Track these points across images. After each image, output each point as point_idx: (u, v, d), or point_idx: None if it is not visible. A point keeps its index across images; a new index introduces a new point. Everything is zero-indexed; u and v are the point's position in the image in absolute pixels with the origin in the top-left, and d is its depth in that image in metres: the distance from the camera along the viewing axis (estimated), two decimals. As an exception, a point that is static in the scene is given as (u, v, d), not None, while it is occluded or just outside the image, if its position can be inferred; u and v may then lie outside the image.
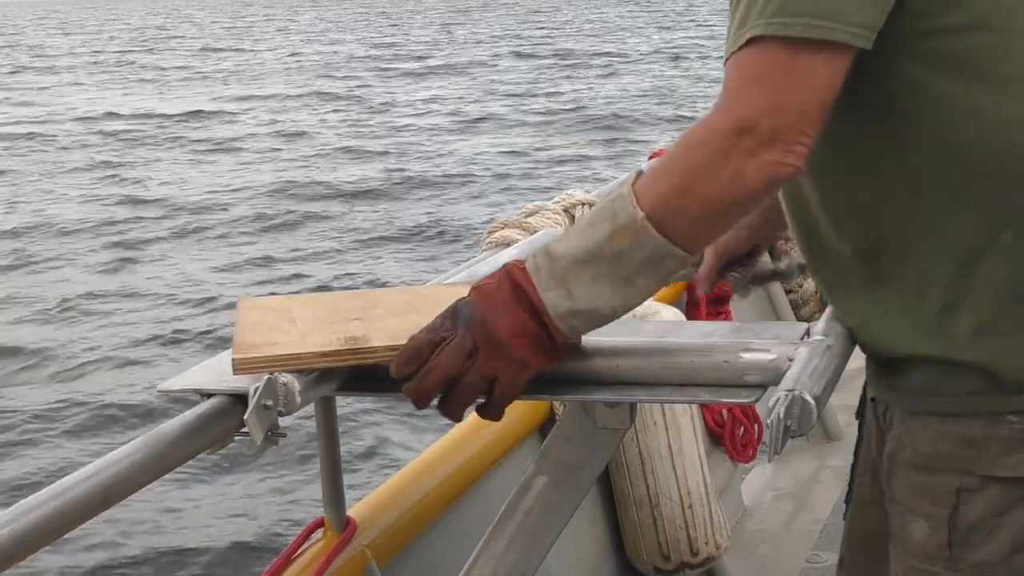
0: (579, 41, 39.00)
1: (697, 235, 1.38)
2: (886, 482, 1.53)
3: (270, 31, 56.22)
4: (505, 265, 1.44)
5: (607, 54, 33.71)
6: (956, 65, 1.37)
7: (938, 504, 1.44)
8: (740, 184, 1.33)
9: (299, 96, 27.07)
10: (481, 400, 1.44)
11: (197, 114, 24.53)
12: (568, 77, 28.26)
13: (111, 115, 24.90)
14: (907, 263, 1.43)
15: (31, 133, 22.42)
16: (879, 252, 1.45)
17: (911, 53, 1.37)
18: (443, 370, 1.41)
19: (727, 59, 1.37)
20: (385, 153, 18.81)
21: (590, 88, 25.78)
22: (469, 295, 1.44)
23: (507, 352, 1.40)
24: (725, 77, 1.37)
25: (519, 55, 35.41)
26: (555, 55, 34.48)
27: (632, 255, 1.37)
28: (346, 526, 1.97)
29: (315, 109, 24.87)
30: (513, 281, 1.41)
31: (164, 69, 35.39)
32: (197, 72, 34.74)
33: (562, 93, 25.25)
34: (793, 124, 1.32)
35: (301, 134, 21.22)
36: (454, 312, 1.43)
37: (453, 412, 1.44)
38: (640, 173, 1.41)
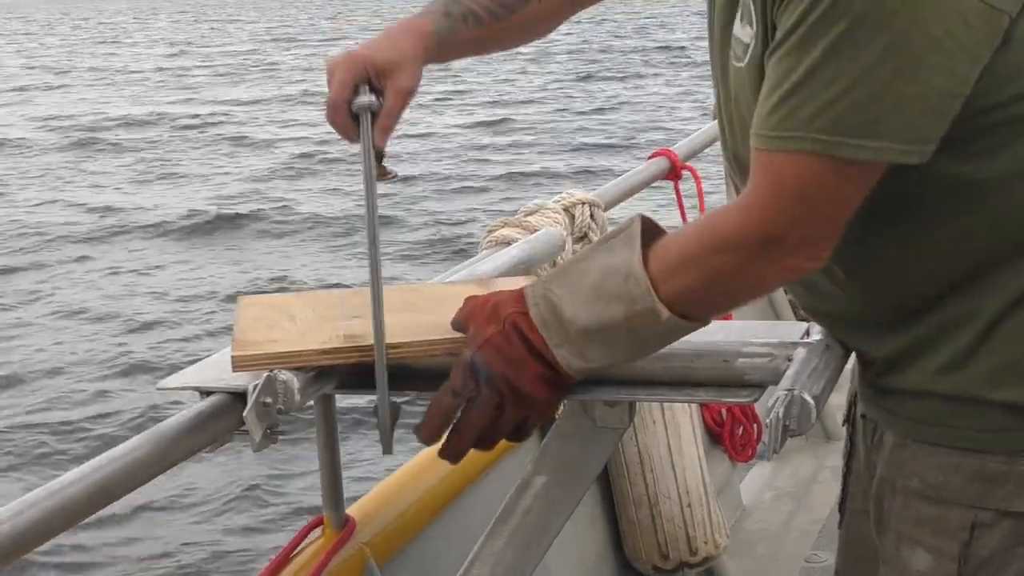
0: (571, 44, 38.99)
1: (713, 315, 1.42)
2: (875, 505, 1.51)
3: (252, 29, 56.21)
4: (508, 315, 1.43)
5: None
6: (1006, 133, 1.32)
7: (947, 537, 1.41)
8: (760, 285, 1.39)
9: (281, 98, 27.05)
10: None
11: (200, 114, 24.52)
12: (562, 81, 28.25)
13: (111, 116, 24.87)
14: (942, 312, 1.40)
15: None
16: (914, 306, 1.41)
17: (968, 127, 1.31)
18: (475, 427, 1.45)
19: (759, 147, 1.31)
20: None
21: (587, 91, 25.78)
22: (478, 350, 1.43)
23: (533, 399, 1.43)
24: (756, 172, 1.33)
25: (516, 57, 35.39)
26: (545, 56, 34.45)
27: (650, 331, 1.39)
28: (345, 524, 1.97)
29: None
30: (522, 335, 1.42)
31: (144, 71, 35.28)
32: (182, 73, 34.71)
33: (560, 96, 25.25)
34: (820, 236, 1.33)
35: (292, 133, 21.22)
36: (472, 371, 1.43)
37: (488, 446, 1.49)
38: (644, 221, 1.39)
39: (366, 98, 1.52)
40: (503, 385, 1.42)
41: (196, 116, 23.93)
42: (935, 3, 1.22)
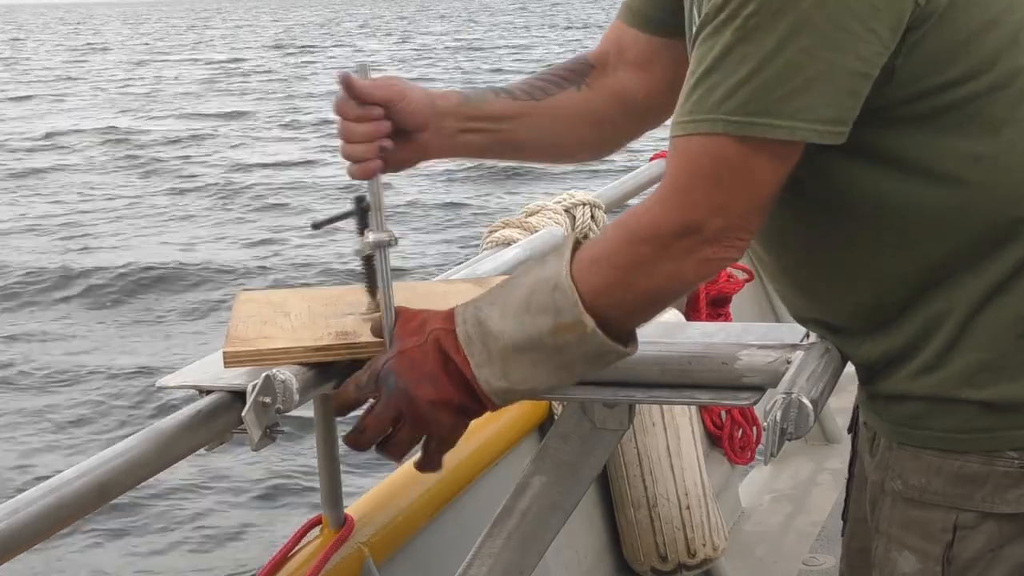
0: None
1: (631, 323, 1.39)
2: (869, 509, 1.52)
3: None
4: (432, 330, 1.41)
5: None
6: (955, 118, 1.32)
7: (931, 539, 1.42)
8: (678, 280, 1.34)
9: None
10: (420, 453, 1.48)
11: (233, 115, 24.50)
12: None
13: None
14: (914, 313, 1.40)
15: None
16: (890, 310, 1.41)
17: (905, 118, 1.33)
18: (373, 432, 1.44)
19: (674, 135, 1.32)
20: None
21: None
22: (392, 358, 1.42)
23: (433, 421, 1.42)
24: (671, 160, 1.33)
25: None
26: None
27: (575, 349, 1.36)
28: (343, 524, 1.97)
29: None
30: (442, 351, 1.40)
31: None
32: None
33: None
34: (738, 224, 1.31)
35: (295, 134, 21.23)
36: (377, 376, 1.43)
37: (393, 457, 1.47)
38: (576, 244, 1.37)
39: (384, 234, 1.48)
40: (403, 400, 1.41)
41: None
42: None
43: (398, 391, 1.41)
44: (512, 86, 1.66)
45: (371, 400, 1.45)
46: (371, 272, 1.53)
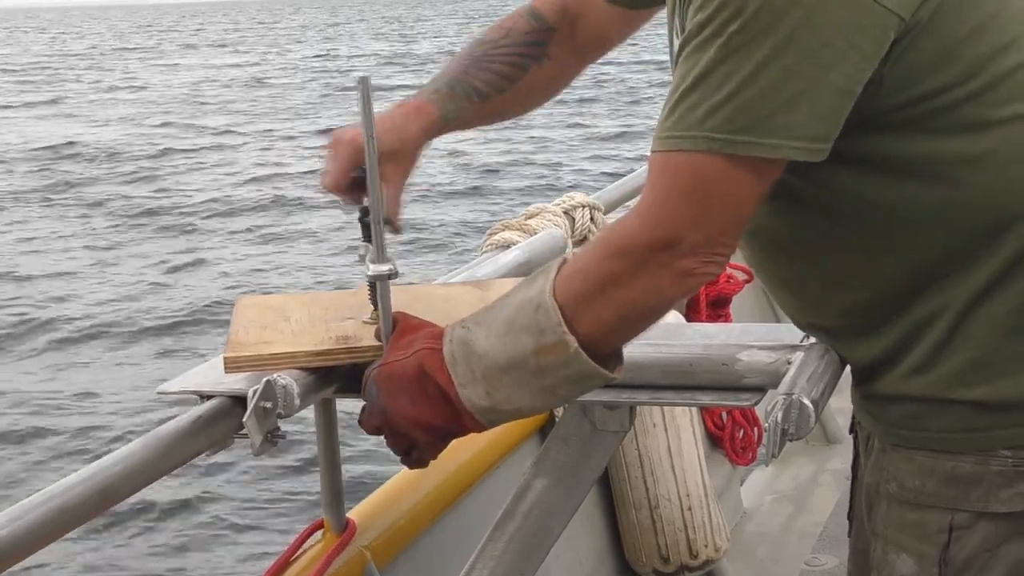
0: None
1: (613, 341, 1.38)
2: (866, 512, 1.52)
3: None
4: (418, 349, 1.41)
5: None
6: (946, 121, 1.32)
7: (927, 541, 1.42)
8: (656, 294, 1.33)
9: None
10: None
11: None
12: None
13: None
14: (907, 313, 1.40)
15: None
16: (882, 311, 1.41)
17: (897, 123, 1.32)
18: (367, 432, 1.46)
19: (655, 150, 1.31)
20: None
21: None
22: (376, 369, 1.43)
23: (409, 435, 1.43)
24: (651, 175, 1.32)
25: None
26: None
27: (558, 371, 1.35)
28: (345, 527, 1.97)
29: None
30: (422, 370, 1.40)
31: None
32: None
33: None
34: (716, 240, 1.31)
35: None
36: (365, 384, 1.44)
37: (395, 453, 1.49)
38: (563, 264, 1.38)
39: (384, 267, 1.48)
40: (379, 412, 1.42)
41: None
42: (825, 2, 1.23)
43: (377, 403, 1.43)
44: (477, 78, 1.68)
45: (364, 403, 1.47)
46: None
